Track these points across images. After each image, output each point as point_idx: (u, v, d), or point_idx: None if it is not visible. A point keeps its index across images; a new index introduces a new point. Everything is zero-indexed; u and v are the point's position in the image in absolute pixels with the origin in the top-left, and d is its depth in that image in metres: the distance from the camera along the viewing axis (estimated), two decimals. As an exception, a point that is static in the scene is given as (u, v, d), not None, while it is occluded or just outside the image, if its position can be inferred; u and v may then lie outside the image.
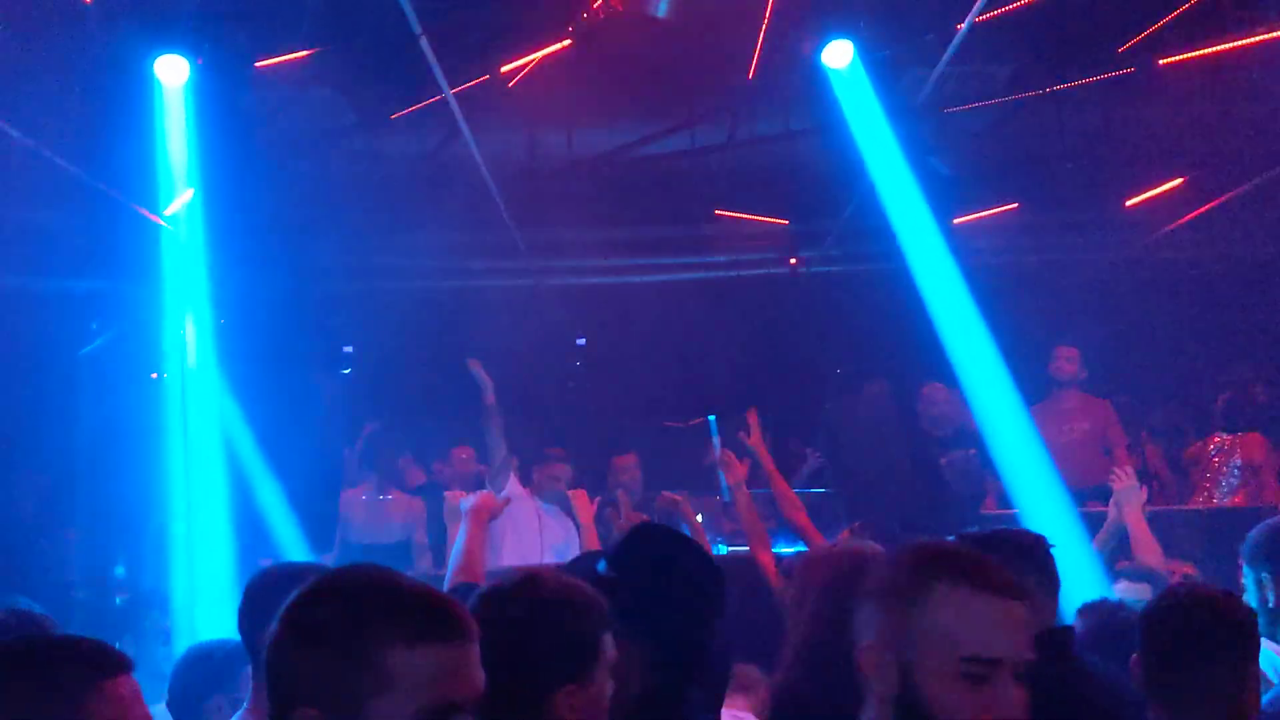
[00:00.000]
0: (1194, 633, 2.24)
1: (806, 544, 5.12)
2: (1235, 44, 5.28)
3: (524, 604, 1.95)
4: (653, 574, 2.24)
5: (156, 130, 5.49)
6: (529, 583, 2.01)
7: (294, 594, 1.45)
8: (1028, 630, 1.64)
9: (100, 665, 1.63)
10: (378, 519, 6.10)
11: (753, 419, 5.15)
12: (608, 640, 1.96)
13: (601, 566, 2.61)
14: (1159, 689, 2.26)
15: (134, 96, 5.26)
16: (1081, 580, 3.27)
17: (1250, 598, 2.87)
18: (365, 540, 6.01)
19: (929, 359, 7.40)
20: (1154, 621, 2.31)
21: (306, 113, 5.77)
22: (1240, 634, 2.27)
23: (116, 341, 6.55)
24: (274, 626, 1.42)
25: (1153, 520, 4.04)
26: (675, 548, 2.32)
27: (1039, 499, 4.84)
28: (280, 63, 5.19)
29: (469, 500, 3.42)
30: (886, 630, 1.66)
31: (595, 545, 4.59)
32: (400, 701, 1.38)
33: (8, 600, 2.94)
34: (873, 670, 1.67)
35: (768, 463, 5.00)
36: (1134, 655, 2.32)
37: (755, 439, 5.16)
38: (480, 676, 1.44)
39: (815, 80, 5.44)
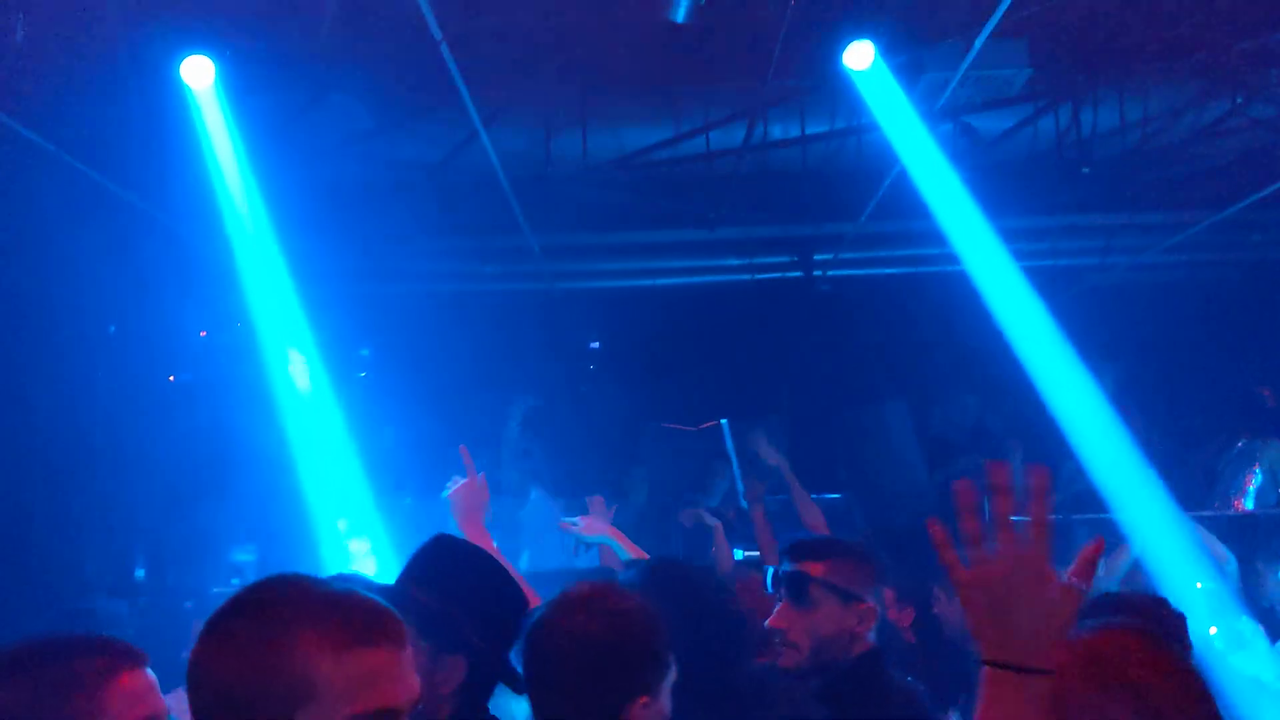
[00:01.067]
0: None
1: None
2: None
3: (604, 615, 1.99)
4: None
5: (200, 136, 5.47)
6: (605, 594, 2.06)
7: (216, 609, 1.42)
8: None
9: (116, 659, 1.65)
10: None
11: (762, 447, 5.21)
12: (670, 656, 2.01)
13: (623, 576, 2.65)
14: None
15: (165, 101, 5.25)
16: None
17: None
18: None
19: (946, 365, 7.40)
20: None
21: (324, 118, 5.77)
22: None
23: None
24: (194, 641, 1.39)
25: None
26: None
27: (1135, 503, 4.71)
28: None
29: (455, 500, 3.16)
30: None
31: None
32: (327, 711, 1.33)
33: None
34: None
35: (790, 478, 5.09)
36: None
37: (774, 457, 5.23)
38: (414, 681, 1.40)
39: (835, 84, 5.43)
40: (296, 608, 1.39)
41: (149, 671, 1.70)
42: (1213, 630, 3.29)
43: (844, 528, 6.66)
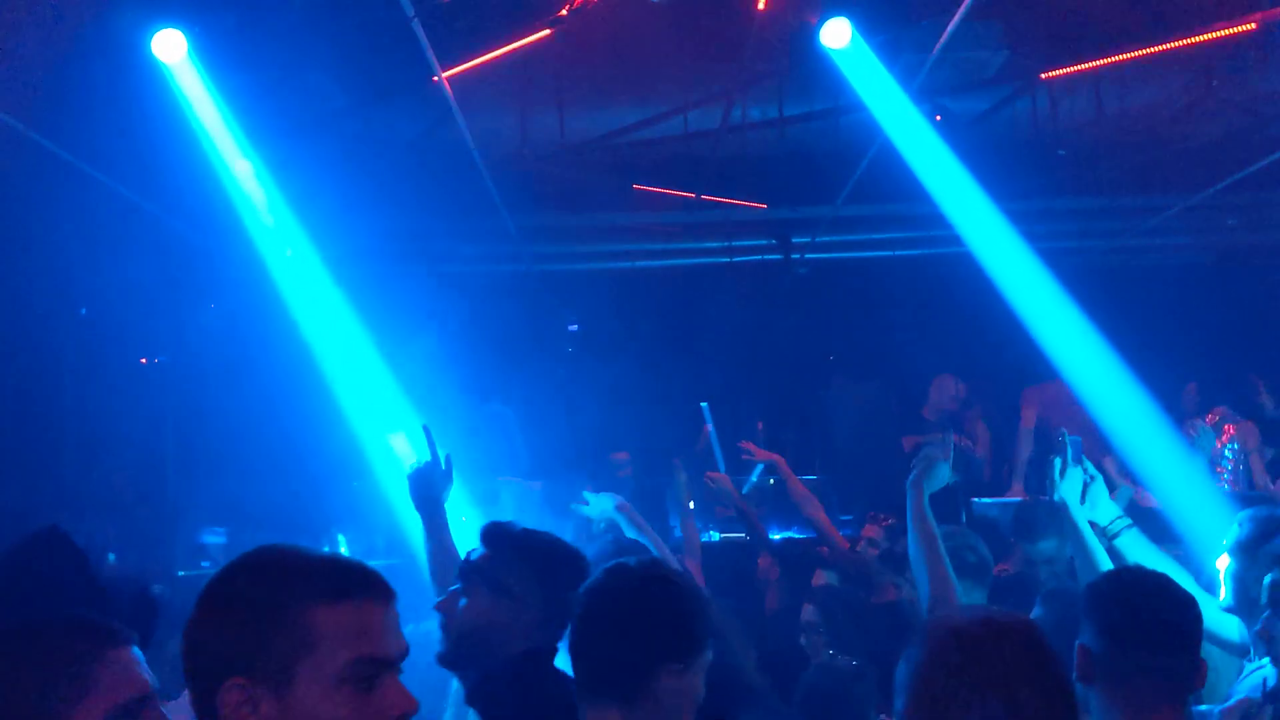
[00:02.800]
0: (1160, 612, 2.24)
1: (825, 540, 5.17)
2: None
3: (645, 581, 2.08)
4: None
5: (181, 112, 5.40)
6: (653, 565, 2.16)
7: (216, 573, 1.48)
8: None
9: (102, 638, 1.68)
10: None
11: (752, 448, 5.22)
12: (708, 636, 2.08)
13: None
14: (1117, 669, 2.23)
15: (137, 77, 5.19)
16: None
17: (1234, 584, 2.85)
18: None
19: (923, 346, 7.42)
20: (1112, 603, 2.28)
21: (296, 95, 5.72)
22: (1196, 615, 2.28)
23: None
24: (197, 603, 1.45)
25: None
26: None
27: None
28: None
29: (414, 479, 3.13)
30: None
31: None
32: (327, 658, 1.40)
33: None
34: None
35: (785, 468, 5.11)
36: (1080, 641, 2.30)
37: (763, 453, 5.25)
38: (401, 637, 1.47)
39: (812, 64, 5.41)
40: (292, 566, 1.46)
41: (135, 650, 1.71)
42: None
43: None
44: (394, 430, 4.84)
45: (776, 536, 6.26)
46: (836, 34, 5.11)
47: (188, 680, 1.43)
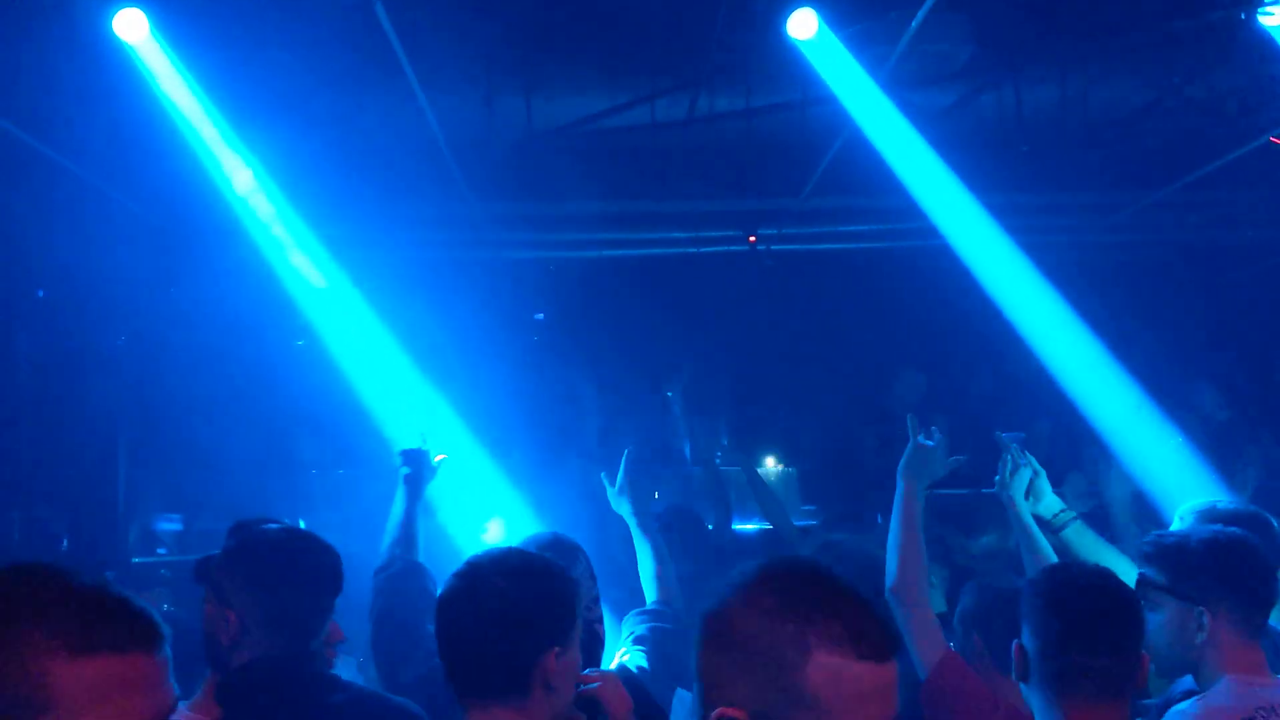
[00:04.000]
0: (1099, 612, 2.23)
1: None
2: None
3: (508, 576, 2.02)
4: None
5: (150, 92, 5.31)
6: (507, 557, 2.09)
7: None
8: None
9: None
10: None
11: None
12: (578, 606, 2.09)
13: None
14: (1055, 669, 2.21)
15: (99, 59, 5.10)
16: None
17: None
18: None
19: (892, 340, 7.46)
20: (1046, 603, 2.25)
21: (264, 73, 5.65)
22: (1135, 613, 2.28)
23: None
24: None
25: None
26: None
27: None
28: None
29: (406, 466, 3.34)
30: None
31: None
32: None
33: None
34: None
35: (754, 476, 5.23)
36: (1016, 641, 2.30)
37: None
38: (166, 692, 1.25)
39: (780, 54, 5.41)
40: (31, 604, 1.21)
41: None
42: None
43: (785, 500, 6.71)
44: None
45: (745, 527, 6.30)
46: (803, 25, 5.11)
47: None
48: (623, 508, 3.64)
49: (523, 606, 1.99)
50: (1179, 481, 4.19)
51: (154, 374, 6.30)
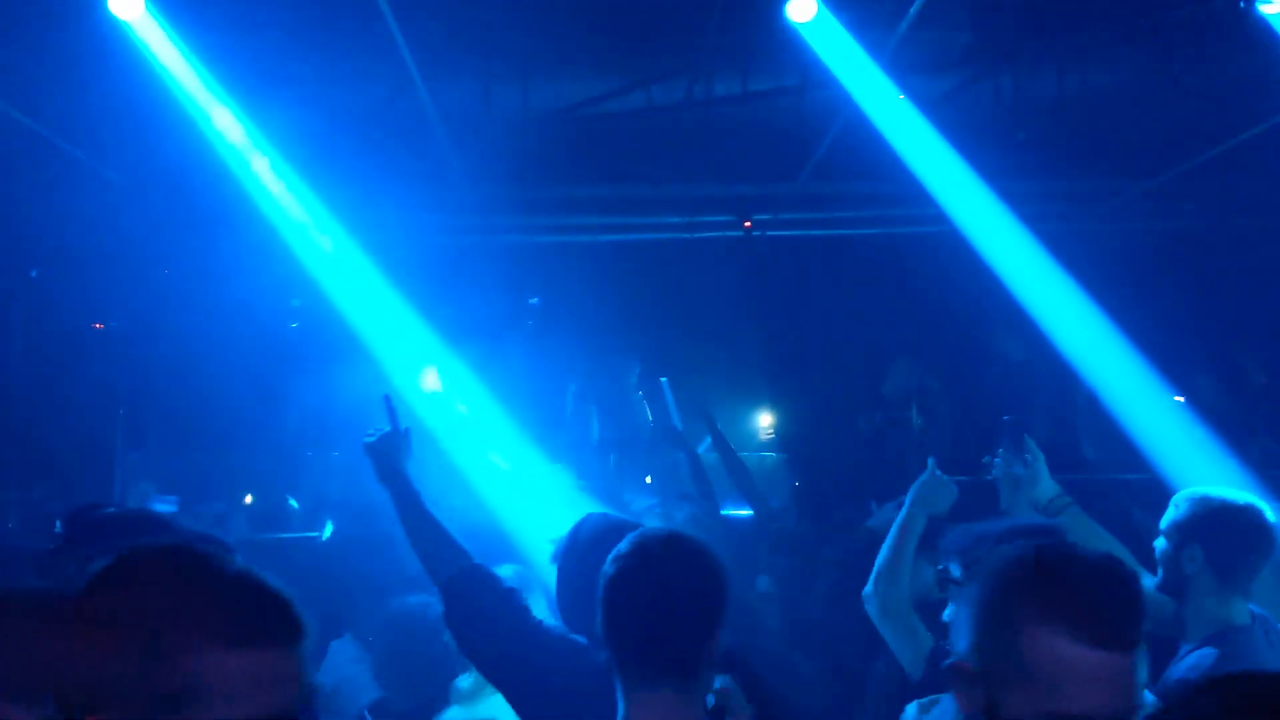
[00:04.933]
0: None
1: (754, 507, 5.25)
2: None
3: (682, 554, 2.09)
4: None
5: (151, 70, 5.27)
6: (672, 535, 2.16)
7: (93, 574, 1.24)
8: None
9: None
10: None
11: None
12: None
13: None
14: None
15: (94, 38, 5.07)
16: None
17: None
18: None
19: (887, 323, 7.46)
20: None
21: (260, 59, 5.63)
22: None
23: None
24: (63, 616, 1.21)
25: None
26: None
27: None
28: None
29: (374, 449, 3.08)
30: None
31: None
32: (213, 715, 1.19)
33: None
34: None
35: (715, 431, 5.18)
36: None
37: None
38: (305, 684, 1.26)
39: (778, 38, 5.40)
40: (188, 592, 1.22)
41: None
42: None
43: (776, 485, 6.73)
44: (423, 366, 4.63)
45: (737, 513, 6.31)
46: (802, 8, 5.10)
47: (54, 698, 1.19)
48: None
49: (699, 587, 2.01)
50: (1186, 464, 4.20)
51: (149, 354, 6.29)
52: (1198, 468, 4.06)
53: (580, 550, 2.62)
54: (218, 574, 1.25)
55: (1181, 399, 5.44)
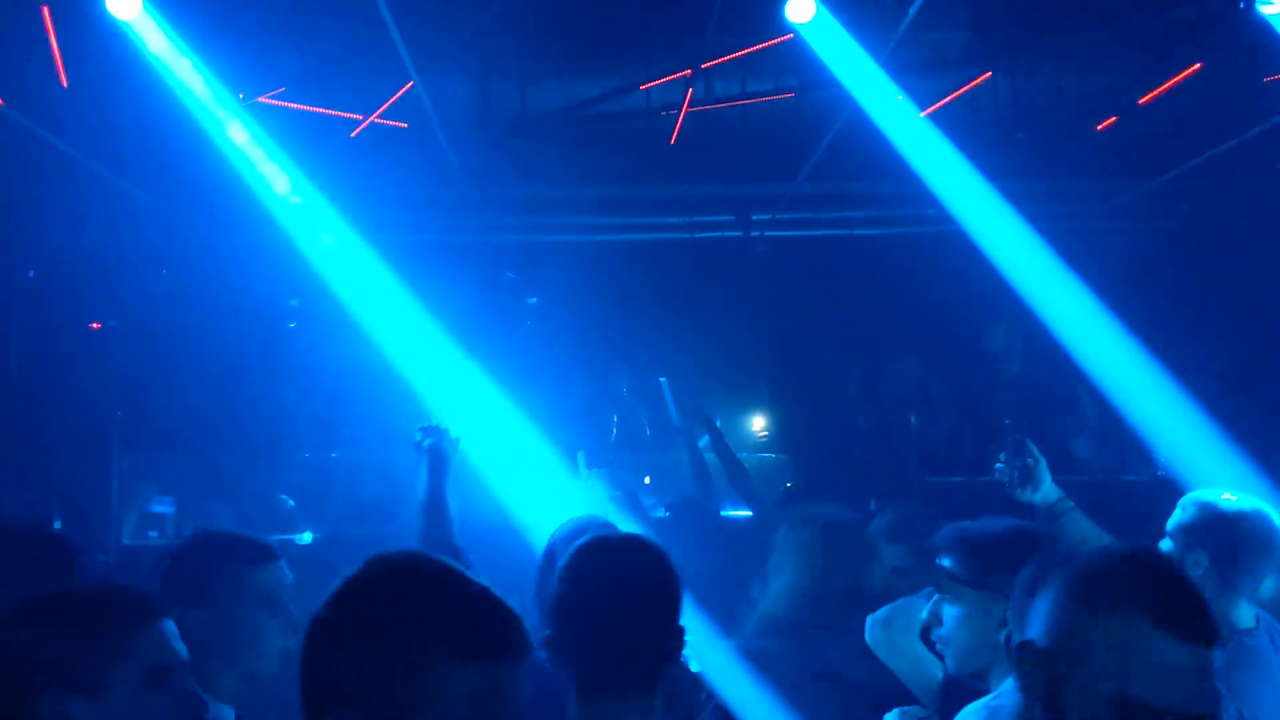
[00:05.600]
0: None
1: (751, 508, 5.22)
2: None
3: (641, 553, 2.08)
4: None
5: (154, 68, 5.25)
6: (628, 537, 2.17)
7: (352, 577, 1.37)
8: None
9: (141, 608, 1.76)
10: None
11: None
12: None
13: None
14: None
15: (93, 38, 5.05)
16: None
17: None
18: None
19: (888, 329, 7.46)
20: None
21: (259, 58, 5.62)
22: None
23: None
24: (318, 615, 1.35)
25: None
26: None
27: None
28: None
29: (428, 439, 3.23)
30: None
31: None
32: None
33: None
34: None
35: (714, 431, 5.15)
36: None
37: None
38: (521, 697, 1.35)
39: (776, 39, 5.39)
40: (436, 604, 1.32)
41: (169, 623, 1.79)
42: None
43: (777, 487, 6.72)
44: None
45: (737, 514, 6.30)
46: (801, 9, 5.10)
47: (303, 688, 1.32)
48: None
49: (654, 590, 1.98)
50: (1196, 464, 4.19)
51: (147, 356, 6.28)
52: (1206, 467, 4.05)
53: (551, 556, 2.61)
54: (461, 588, 1.34)
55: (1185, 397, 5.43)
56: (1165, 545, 2.92)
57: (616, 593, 1.97)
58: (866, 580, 3.20)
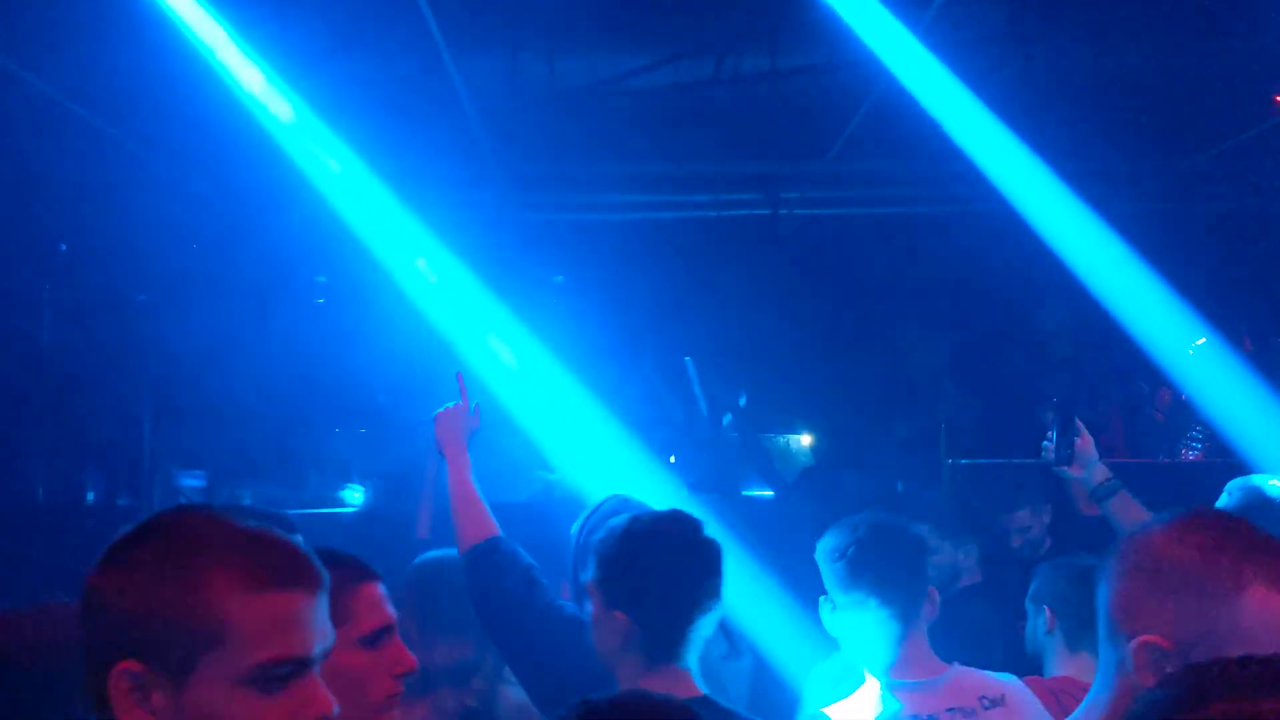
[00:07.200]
0: None
1: (774, 489, 5.20)
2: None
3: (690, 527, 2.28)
4: None
5: (186, 38, 5.26)
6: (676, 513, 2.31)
7: (119, 534, 1.34)
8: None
9: (361, 570, 1.85)
10: None
11: None
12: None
13: None
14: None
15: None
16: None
17: None
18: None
19: (915, 304, 7.40)
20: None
21: (289, 35, 5.60)
22: None
23: None
24: (92, 574, 1.32)
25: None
26: None
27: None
28: None
29: (442, 422, 3.15)
30: None
31: None
32: (237, 656, 1.28)
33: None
34: None
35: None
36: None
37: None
38: (327, 629, 1.36)
39: (808, 13, 5.32)
40: (210, 542, 1.31)
41: (382, 586, 1.87)
42: None
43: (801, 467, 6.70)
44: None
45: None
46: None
47: (85, 641, 1.29)
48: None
49: (708, 563, 2.15)
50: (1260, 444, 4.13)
51: (179, 329, 6.31)
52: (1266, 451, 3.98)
53: (588, 533, 2.63)
54: (235, 527, 1.34)
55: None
56: None
57: (684, 568, 2.12)
58: None
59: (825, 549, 2.56)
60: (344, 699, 1.75)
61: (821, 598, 2.57)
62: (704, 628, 2.14)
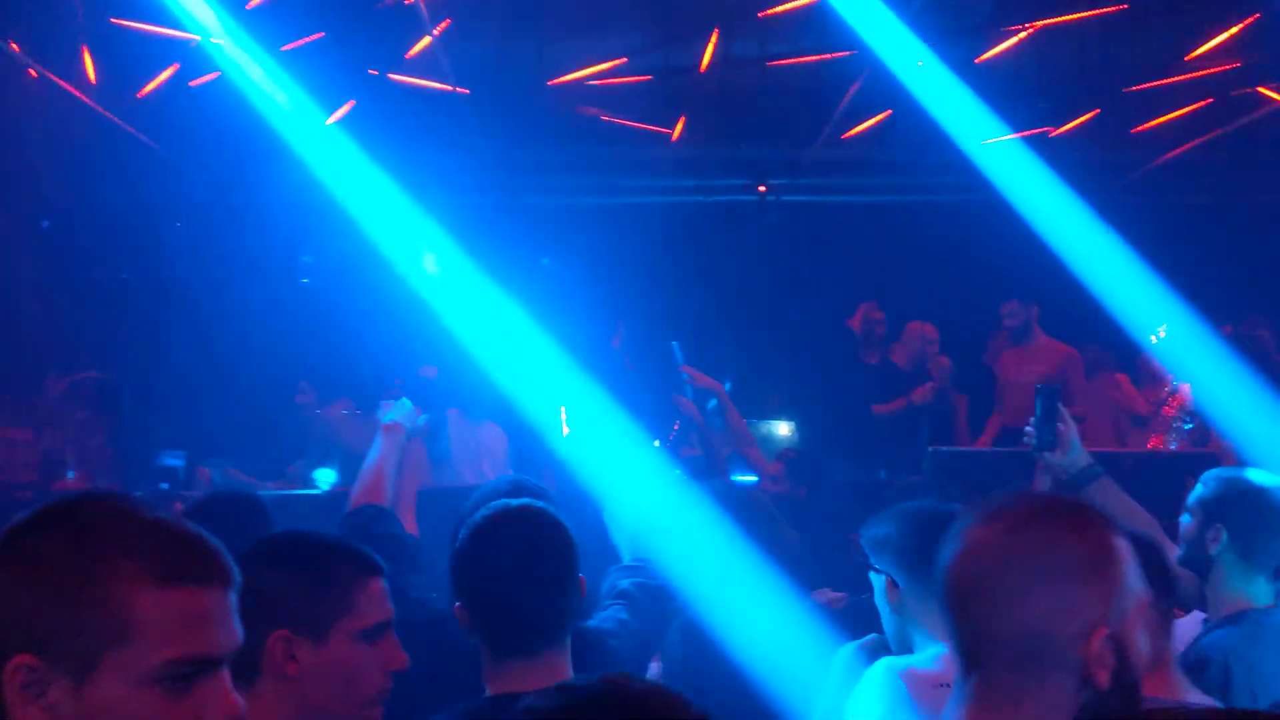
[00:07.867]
0: None
1: (758, 474, 5.19)
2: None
3: (548, 512, 2.10)
4: None
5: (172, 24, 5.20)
6: (527, 502, 2.17)
7: (16, 520, 1.25)
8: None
9: (365, 565, 1.84)
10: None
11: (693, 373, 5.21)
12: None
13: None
14: None
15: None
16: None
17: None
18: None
19: (899, 291, 7.41)
20: None
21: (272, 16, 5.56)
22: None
23: None
24: None
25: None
26: None
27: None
28: None
29: (389, 414, 3.28)
30: None
31: None
32: (142, 653, 1.20)
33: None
34: None
35: (725, 398, 5.11)
36: None
37: (704, 379, 5.23)
38: (235, 627, 1.29)
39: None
40: (116, 531, 1.24)
41: (385, 581, 1.86)
42: None
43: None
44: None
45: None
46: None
47: None
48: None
49: (557, 555, 2.04)
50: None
51: (158, 307, 6.29)
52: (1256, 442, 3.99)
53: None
54: (143, 517, 1.27)
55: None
56: (1184, 520, 2.88)
57: (511, 561, 2.01)
58: None
59: (896, 533, 2.48)
60: (334, 691, 1.76)
61: (874, 574, 2.49)
62: (550, 616, 2.01)
